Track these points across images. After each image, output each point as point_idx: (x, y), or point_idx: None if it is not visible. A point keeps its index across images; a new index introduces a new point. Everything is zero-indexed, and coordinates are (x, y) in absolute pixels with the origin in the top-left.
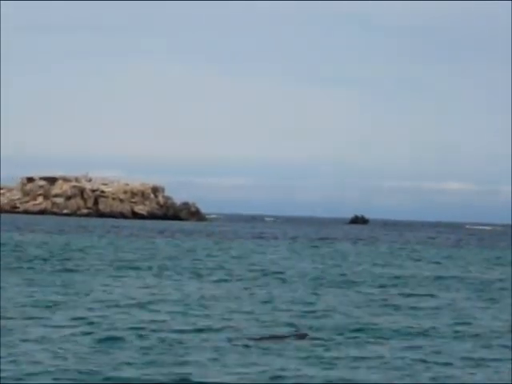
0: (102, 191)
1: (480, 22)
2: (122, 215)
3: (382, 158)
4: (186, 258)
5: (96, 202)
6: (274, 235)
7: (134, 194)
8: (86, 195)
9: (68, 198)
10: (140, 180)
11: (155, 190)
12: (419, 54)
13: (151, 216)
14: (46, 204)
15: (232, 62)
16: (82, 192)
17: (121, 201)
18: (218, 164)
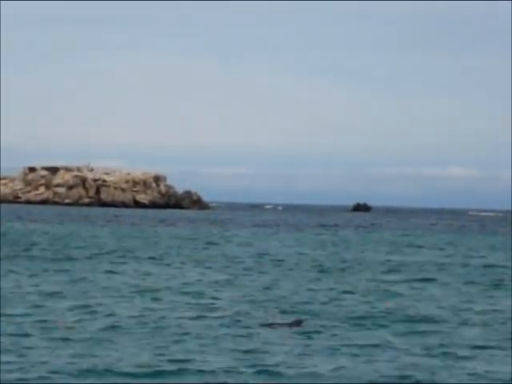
0: (104, 180)
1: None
2: (123, 204)
3: (383, 145)
4: (188, 245)
5: (98, 192)
6: (274, 223)
7: (135, 183)
8: (87, 185)
9: (70, 188)
10: (142, 169)
11: (157, 179)
12: (418, 40)
13: (153, 205)
14: (48, 194)
15: (231, 51)
16: (83, 181)
17: (122, 190)
18: (220, 153)
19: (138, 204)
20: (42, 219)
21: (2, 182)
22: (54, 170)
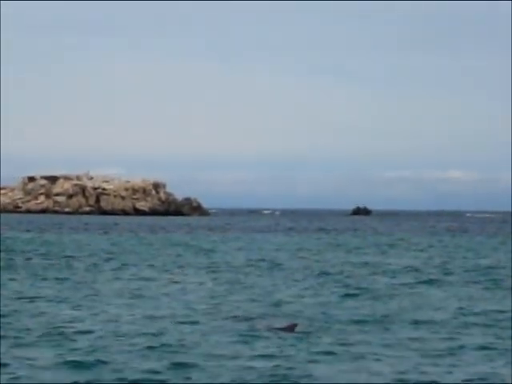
0: (104, 189)
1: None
2: (123, 212)
3: (383, 148)
4: (186, 252)
5: (98, 200)
6: (270, 228)
7: (135, 190)
8: (87, 193)
9: (69, 197)
10: (141, 177)
11: (156, 186)
12: (417, 42)
13: (153, 212)
14: (48, 203)
15: (228, 55)
16: (83, 190)
17: (122, 198)
18: (218, 158)
19: (138, 211)
20: (41, 228)
21: (2, 191)
22: (53, 179)
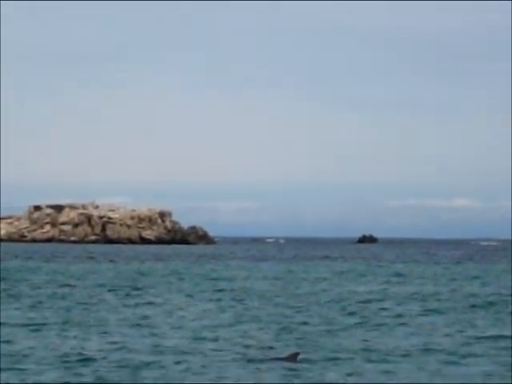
0: (109, 217)
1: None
2: (129, 241)
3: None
4: (190, 280)
5: (103, 229)
6: (273, 256)
7: (141, 219)
8: (93, 222)
9: (75, 226)
10: (147, 206)
11: (162, 214)
12: (416, 69)
13: (159, 241)
14: (54, 232)
15: (234, 84)
16: (89, 219)
17: (128, 226)
18: (224, 187)
19: (144, 240)
20: (47, 257)
21: (8, 221)
22: (59, 208)
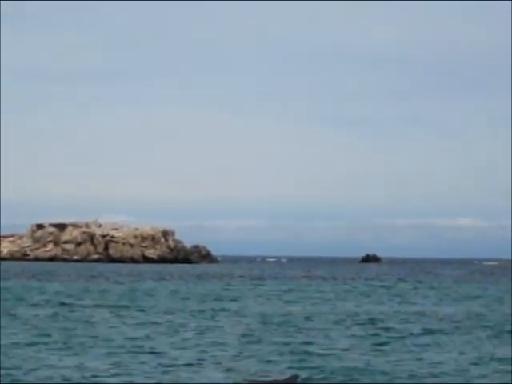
0: (112, 236)
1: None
2: (132, 260)
3: (390, 196)
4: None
5: (106, 248)
6: (278, 275)
7: (144, 238)
8: (96, 241)
9: (78, 244)
10: (150, 225)
11: (165, 233)
12: (422, 89)
13: (162, 260)
14: (57, 250)
15: (234, 102)
16: (91, 238)
17: (131, 245)
18: (226, 206)
19: (146, 259)
20: (49, 276)
21: (11, 239)
22: (61, 227)
